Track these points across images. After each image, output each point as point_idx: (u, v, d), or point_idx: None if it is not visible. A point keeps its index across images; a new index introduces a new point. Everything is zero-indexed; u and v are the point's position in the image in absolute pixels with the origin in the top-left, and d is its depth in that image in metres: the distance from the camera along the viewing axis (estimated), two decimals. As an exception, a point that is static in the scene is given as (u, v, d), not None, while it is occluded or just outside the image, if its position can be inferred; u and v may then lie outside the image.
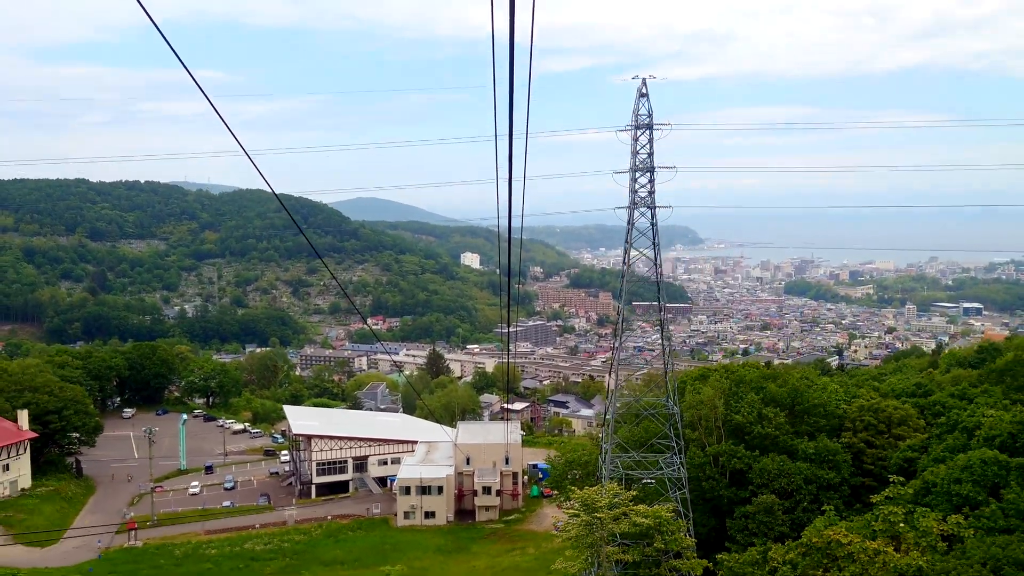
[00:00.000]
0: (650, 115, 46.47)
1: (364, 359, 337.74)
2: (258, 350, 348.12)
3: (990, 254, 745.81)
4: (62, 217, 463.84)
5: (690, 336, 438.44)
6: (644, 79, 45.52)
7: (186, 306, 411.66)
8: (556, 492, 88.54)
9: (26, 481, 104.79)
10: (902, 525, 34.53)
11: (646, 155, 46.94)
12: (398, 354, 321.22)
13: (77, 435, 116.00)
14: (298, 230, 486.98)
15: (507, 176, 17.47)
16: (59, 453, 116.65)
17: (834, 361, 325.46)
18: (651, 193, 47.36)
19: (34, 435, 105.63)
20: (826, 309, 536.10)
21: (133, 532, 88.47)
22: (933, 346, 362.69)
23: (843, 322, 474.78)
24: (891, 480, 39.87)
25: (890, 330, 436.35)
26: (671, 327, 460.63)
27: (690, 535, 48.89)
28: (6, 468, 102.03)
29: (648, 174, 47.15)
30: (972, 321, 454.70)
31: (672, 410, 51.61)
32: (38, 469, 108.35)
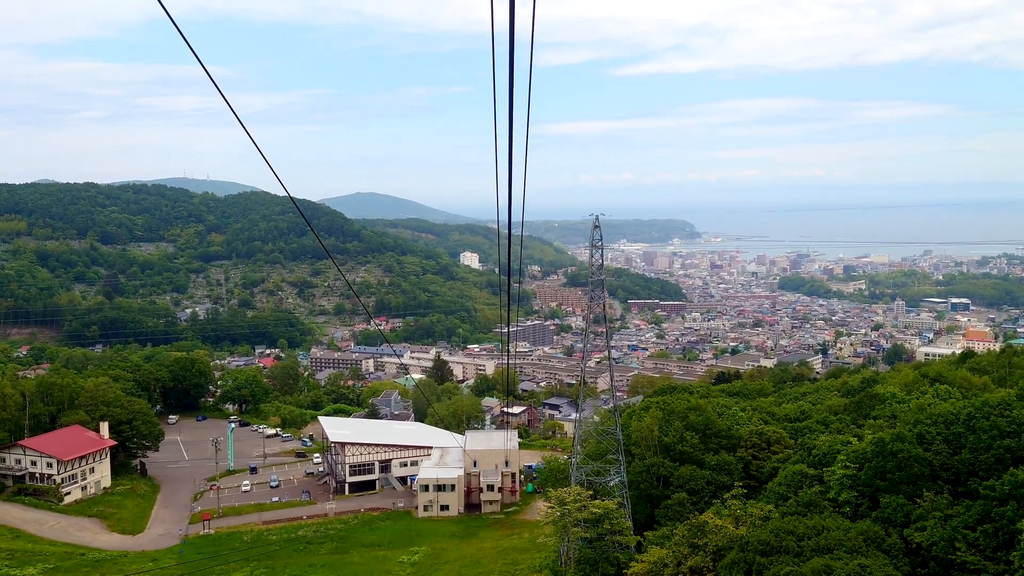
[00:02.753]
0: (601, 239, 67.92)
1: (371, 361, 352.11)
2: (268, 351, 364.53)
3: (983, 247, 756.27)
4: (73, 221, 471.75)
5: (683, 334, 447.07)
6: (597, 216, 66.99)
7: (196, 308, 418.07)
8: (544, 490, 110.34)
9: (107, 481, 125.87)
10: (740, 511, 57.02)
11: (598, 268, 68.49)
12: (403, 356, 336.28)
13: (144, 441, 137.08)
14: (302, 232, 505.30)
15: (507, 176, 17.39)
16: (127, 457, 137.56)
17: (817, 360, 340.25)
18: (602, 298, 69.19)
19: (114, 443, 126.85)
20: (818, 305, 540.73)
21: (207, 522, 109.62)
22: (917, 343, 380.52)
23: (833, 318, 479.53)
24: (739, 484, 62.84)
25: (877, 327, 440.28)
26: (665, 325, 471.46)
27: (629, 519, 70.55)
28: (92, 471, 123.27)
29: (600, 284, 68.99)
30: (959, 317, 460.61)
31: (618, 436, 73.17)
32: (113, 471, 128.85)
